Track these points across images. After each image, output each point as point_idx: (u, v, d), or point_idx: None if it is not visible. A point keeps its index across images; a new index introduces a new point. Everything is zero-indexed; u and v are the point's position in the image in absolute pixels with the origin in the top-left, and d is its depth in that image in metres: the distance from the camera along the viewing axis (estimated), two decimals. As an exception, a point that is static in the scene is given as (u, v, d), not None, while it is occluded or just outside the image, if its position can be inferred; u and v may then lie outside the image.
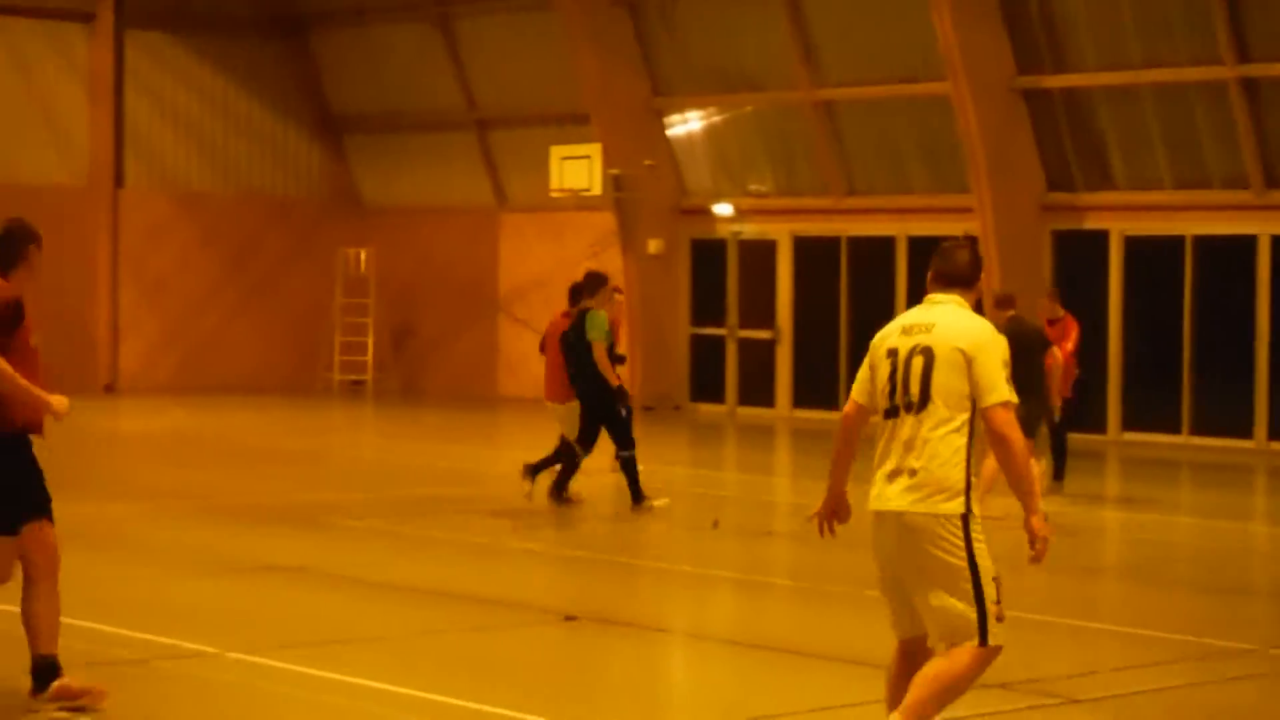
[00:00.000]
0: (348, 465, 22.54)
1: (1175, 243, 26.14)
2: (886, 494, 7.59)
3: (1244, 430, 25.28)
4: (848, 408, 7.87)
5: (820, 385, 28.83)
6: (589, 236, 31.65)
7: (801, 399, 29.40)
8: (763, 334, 30.13)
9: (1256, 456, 24.69)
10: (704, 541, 16.23)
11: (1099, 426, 26.56)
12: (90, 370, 31.83)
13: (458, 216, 33.84)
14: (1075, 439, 20.90)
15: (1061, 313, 20.67)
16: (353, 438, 27.16)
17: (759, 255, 30.38)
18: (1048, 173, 27.10)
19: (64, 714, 9.00)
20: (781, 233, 29.98)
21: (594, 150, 30.27)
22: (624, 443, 17.39)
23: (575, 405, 17.53)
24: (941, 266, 7.75)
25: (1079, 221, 27.00)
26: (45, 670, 9.08)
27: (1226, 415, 25.60)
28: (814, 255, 29.64)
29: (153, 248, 33.22)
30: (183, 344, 33.20)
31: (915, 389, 7.51)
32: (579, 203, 31.02)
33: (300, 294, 34.10)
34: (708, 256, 30.95)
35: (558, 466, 17.66)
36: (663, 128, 30.94)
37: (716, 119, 30.55)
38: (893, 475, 7.56)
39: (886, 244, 28.74)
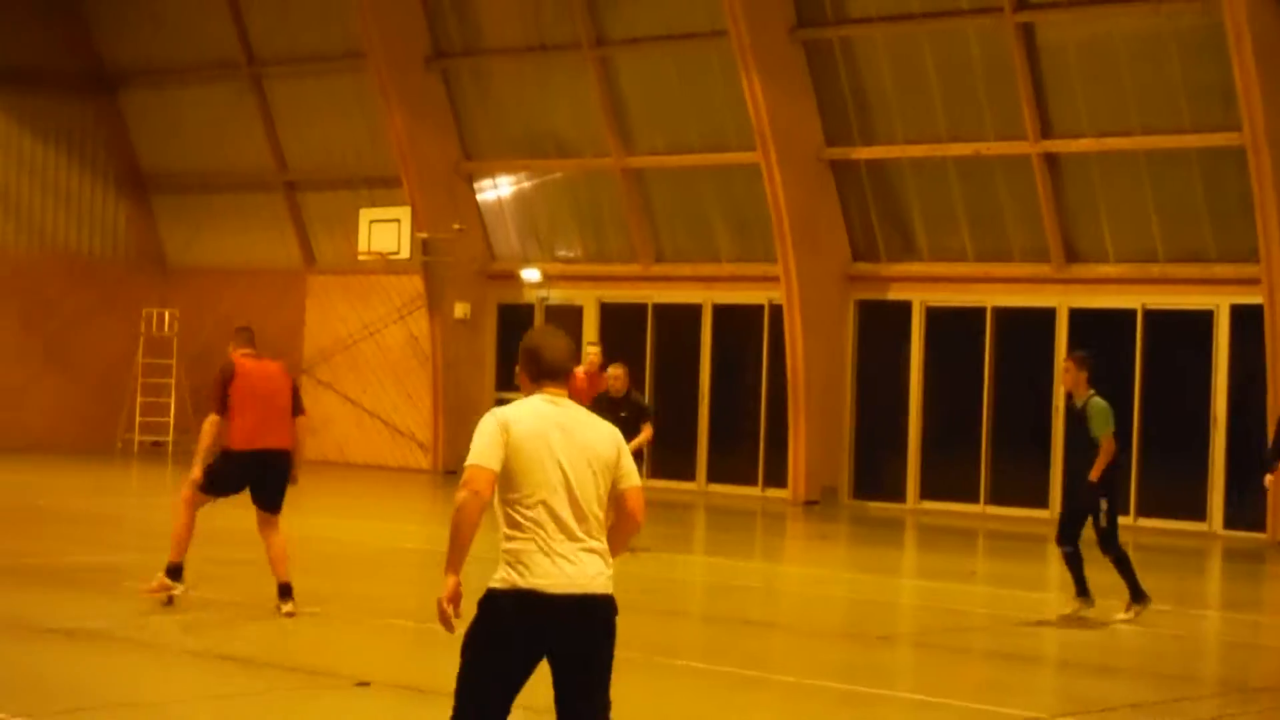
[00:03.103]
0: (143, 526, 22.13)
1: (976, 314, 26.54)
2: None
3: (1040, 500, 25.63)
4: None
5: (626, 451, 28.80)
6: (397, 300, 31.54)
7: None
8: (569, 399, 30.07)
9: (1051, 526, 25.02)
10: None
11: (898, 495, 26.87)
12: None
13: (264, 277, 33.54)
14: (876, 507, 21.11)
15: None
16: (149, 499, 26.70)
17: (566, 320, 30.36)
18: (853, 243, 27.43)
19: None
20: (589, 298, 30.04)
21: (403, 213, 30.20)
22: None
23: None
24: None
25: (883, 291, 27.33)
26: None
27: (1022, 485, 25.97)
28: (621, 321, 29.72)
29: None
30: (-20, 404, 32.55)
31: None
32: (387, 266, 30.91)
33: (102, 353, 33.58)
34: (515, 321, 30.92)
35: None
36: (472, 192, 30.94)
37: (526, 184, 30.60)
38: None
39: (693, 311, 28.90)
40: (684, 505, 26.40)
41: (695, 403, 28.63)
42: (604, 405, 18.37)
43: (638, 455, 17.65)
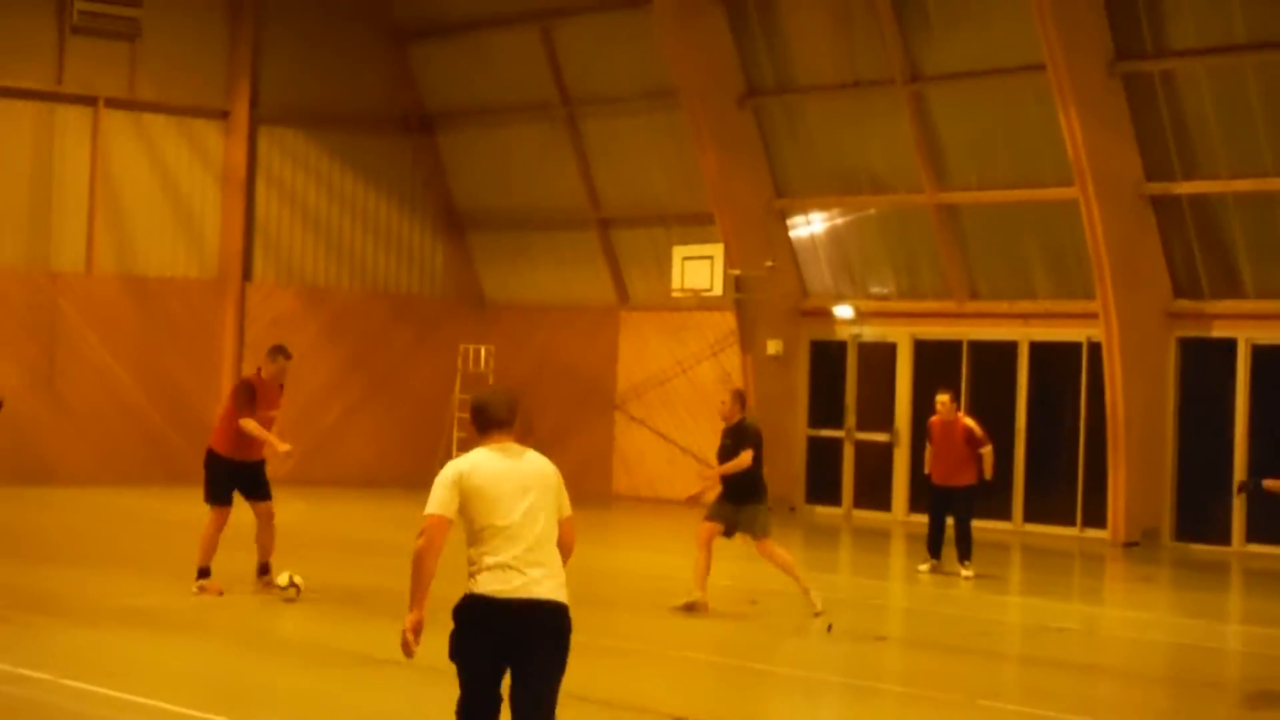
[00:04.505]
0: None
1: (1305, 352, 25.75)
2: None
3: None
4: None
5: (939, 490, 28.52)
6: (709, 336, 31.66)
7: (918, 503, 29.12)
8: (880, 436, 29.92)
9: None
10: (816, 645, 16.05)
11: (1222, 537, 26.14)
12: (212, 461, 32.08)
13: (579, 314, 33.94)
14: (1199, 549, 20.48)
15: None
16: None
17: (879, 357, 30.23)
18: (1174, 279, 26.81)
19: None
20: (902, 335, 29.82)
21: (716, 250, 30.28)
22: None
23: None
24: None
25: (1206, 329, 26.66)
26: None
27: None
28: (934, 358, 29.45)
29: (278, 340, 33.42)
30: (304, 436, 33.29)
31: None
32: (700, 302, 31.04)
33: (420, 389, 34.25)
34: (827, 358, 30.84)
35: None
36: (785, 229, 30.91)
37: (839, 220, 30.49)
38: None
39: (1008, 349, 28.52)
40: (1000, 545, 26.01)
41: (1011, 441, 28.20)
42: (724, 434, 18.45)
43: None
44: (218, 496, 17.65)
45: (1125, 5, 26.14)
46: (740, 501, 17.89)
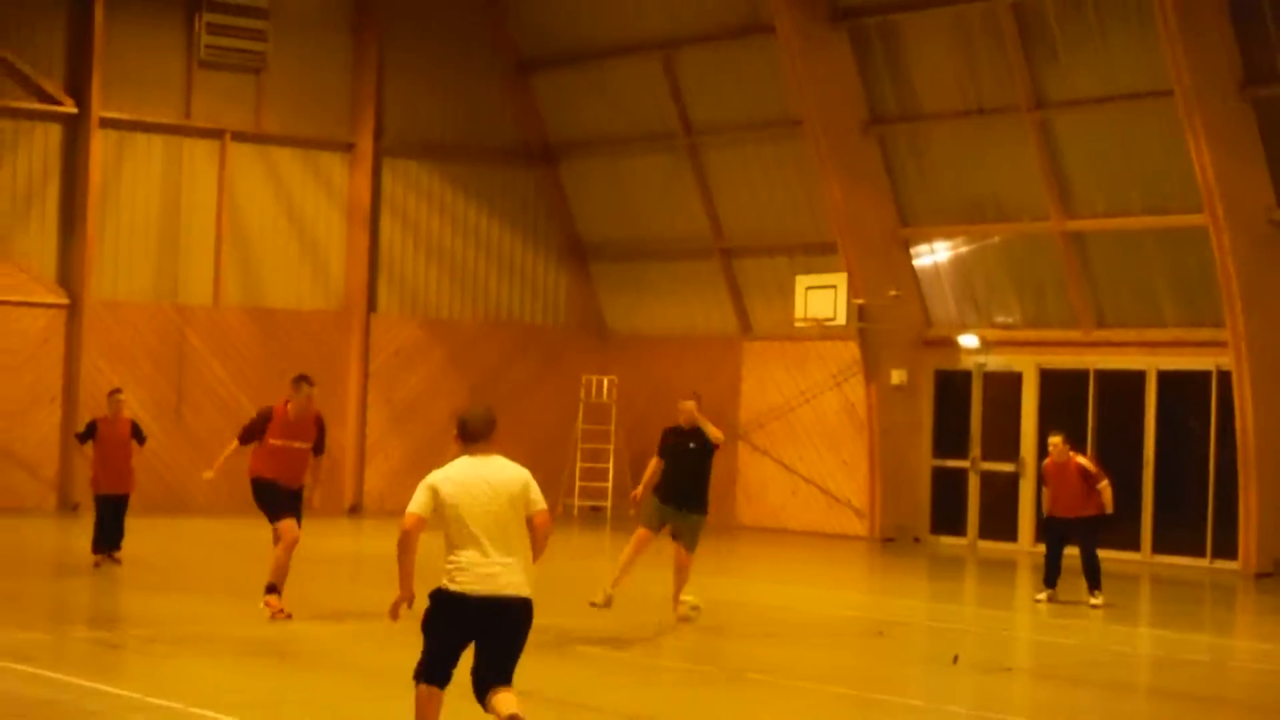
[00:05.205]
0: (580, 590, 22.47)
1: None
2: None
3: None
4: None
5: (1066, 520, 28.21)
6: (833, 366, 31.53)
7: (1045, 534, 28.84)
8: (1006, 466, 29.66)
9: None
10: (942, 676, 15.91)
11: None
12: (336, 492, 32.35)
13: (702, 344, 33.90)
14: None
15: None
16: (585, 563, 27.14)
17: (1004, 387, 29.98)
18: (1305, 307, 26.41)
19: None
20: (1028, 365, 29.56)
21: (839, 280, 30.16)
22: None
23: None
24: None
25: (1337, 357, 26.23)
26: None
27: None
28: (1061, 387, 29.17)
29: (402, 372, 33.75)
30: (428, 466, 33.25)
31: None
32: (823, 332, 30.92)
33: (543, 419, 34.31)
34: (951, 387, 30.62)
35: None
36: (909, 257, 30.74)
37: (963, 249, 30.28)
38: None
39: (1136, 378, 28.20)
40: (1129, 576, 25.70)
41: (1139, 470, 27.87)
42: (678, 435, 18.52)
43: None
44: (276, 514, 17.82)
45: (1255, 28, 25.81)
46: (690, 509, 17.96)
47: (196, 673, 14.58)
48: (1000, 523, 29.75)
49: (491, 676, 10.26)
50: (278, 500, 17.82)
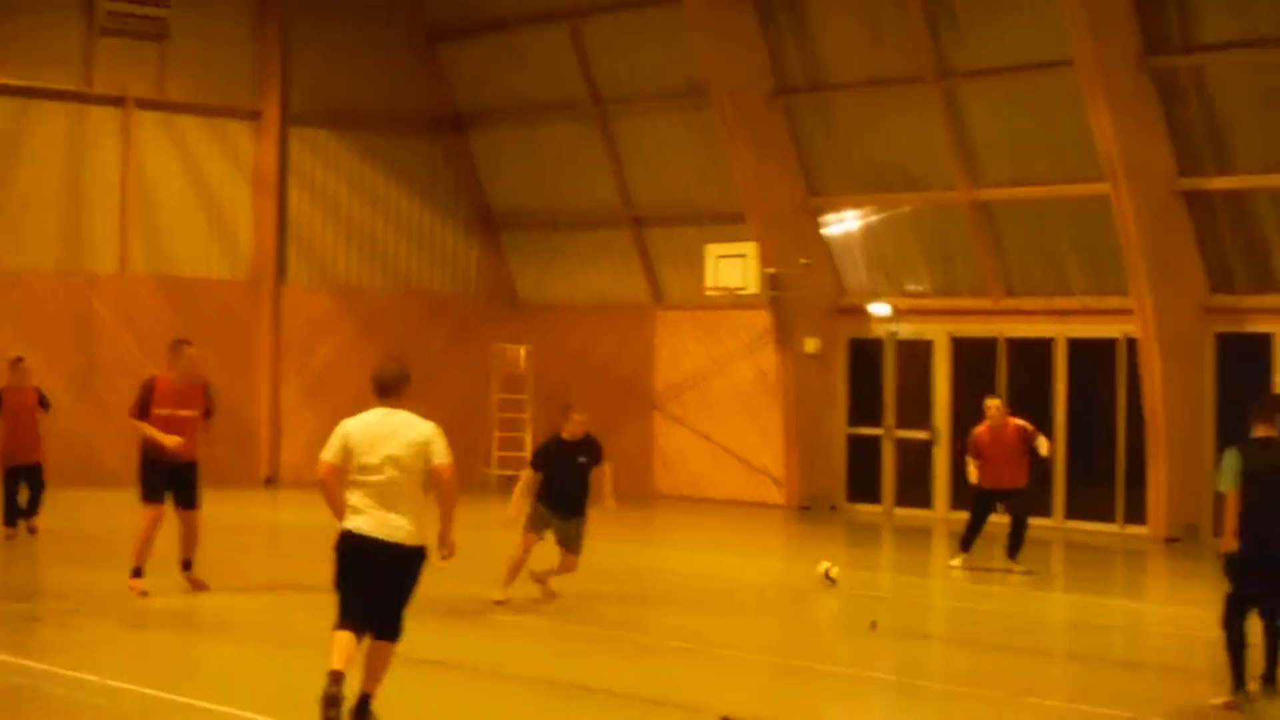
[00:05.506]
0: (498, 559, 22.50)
1: (1342, 345, 25.65)
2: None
3: None
4: None
5: (977, 487, 28.47)
6: (745, 335, 31.63)
7: (960, 500, 29.07)
8: (920, 434, 29.88)
9: None
10: (861, 643, 16.04)
11: None
12: (251, 463, 32.19)
13: (614, 313, 33.93)
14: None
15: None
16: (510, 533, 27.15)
17: (916, 355, 30.18)
18: (1209, 275, 26.72)
19: None
20: (939, 333, 29.77)
21: (750, 249, 30.26)
22: None
23: None
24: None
25: (1241, 324, 26.57)
26: None
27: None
28: (972, 356, 29.40)
29: (313, 342, 33.60)
30: (341, 437, 33.44)
31: None
32: (735, 301, 31.01)
33: (457, 390, 34.24)
34: (865, 355, 30.79)
35: None
36: (818, 226, 30.87)
37: (873, 218, 30.44)
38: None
39: (1045, 345, 28.46)
40: (1042, 541, 25.96)
41: (1050, 438, 28.12)
42: (564, 449, 18.12)
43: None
44: (147, 496, 17.53)
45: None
46: (577, 514, 18.01)
47: (115, 645, 14.53)
48: (915, 490, 29.98)
49: (378, 624, 10.95)
50: (154, 482, 17.45)
